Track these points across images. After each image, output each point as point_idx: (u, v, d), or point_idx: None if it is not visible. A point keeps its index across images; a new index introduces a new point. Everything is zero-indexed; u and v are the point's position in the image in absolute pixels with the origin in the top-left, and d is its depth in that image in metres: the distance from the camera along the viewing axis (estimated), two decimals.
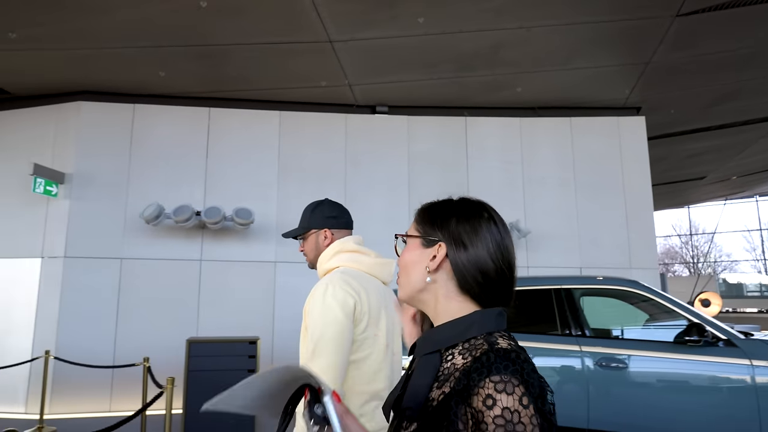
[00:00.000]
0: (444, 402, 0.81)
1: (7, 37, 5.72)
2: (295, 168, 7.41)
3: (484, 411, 0.76)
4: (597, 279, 4.21)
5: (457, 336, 0.90)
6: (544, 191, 8.06)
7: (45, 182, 6.42)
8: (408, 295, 0.99)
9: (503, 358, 0.80)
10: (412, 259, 0.99)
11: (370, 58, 6.68)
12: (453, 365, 0.86)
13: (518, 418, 0.74)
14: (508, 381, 0.77)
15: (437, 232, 0.98)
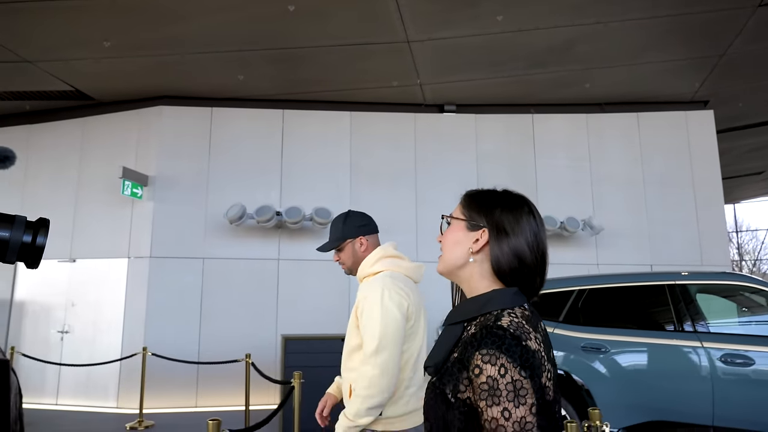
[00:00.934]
0: (453, 366, 0.98)
1: (102, 46, 5.94)
2: (367, 168, 7.50)
3: (473, 378, 0.92)
4: (715, 274, 4.17)
5: (476, 310, 1.03)
6: (613, 188, 7.98)
7: (132, 185, 6.64)
8: (447, 269, 1.13)
9: (492, 334, 0.93)
10: (457, 239, 1.11)
11: (444, 58, 6.73)
12: (468, 335, 1.01)
13: (496, 384, 0.89)
14: (492, 353, 0.90)
15: (482, 218, 1.10)
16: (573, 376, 3.95)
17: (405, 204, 7.45)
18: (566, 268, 7.44)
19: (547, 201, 7.74)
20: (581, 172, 7.98)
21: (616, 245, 7.80)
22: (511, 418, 0.88)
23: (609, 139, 8.14)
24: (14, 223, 0.71)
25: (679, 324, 3.83)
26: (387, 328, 2.02)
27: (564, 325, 4.10)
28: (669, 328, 3.88)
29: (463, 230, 1.11)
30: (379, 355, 2.00)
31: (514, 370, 0.89)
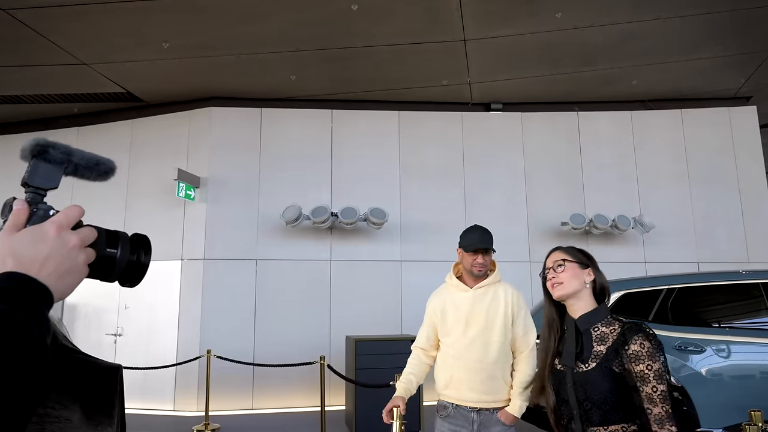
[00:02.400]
0: (612, 348, 1.67)
1: (161, 47, 5.92)
2: (416, 167, 7.48)
3: (640, 350, 1.62)
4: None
5: (599, 318, 1.76)
6: (659, 185, 7.94)
7: (186, 186, 6.63)
8: (568, 293, 1.81)
9: (636, 325, 1.69)
10: (575, 274, 1.82)
11: (497, 56, 6.70)
12: (602, 332, 1.73)
13: (655, 350, 1.62)
14: (646, 335, 1.65)
15: (588, 260, 1.88)
16: None
17: (454, 203, 7.43)
18: (615, 266, 7.37)
19: (594, 199, 7.72)
20: (627, 170, 7.94)
21: (663, 243, 7.77)
22: (665, 366, 1.62)
23: (653, 136, 8.10)
24: (119, 240, 0.71)
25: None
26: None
27: (654, 324, 4.07)
28: (766, 328, 3.85)
29: (577, 269, 1.83)
30: (532, 336, 2.66)
31: (656, 342, 1.65)
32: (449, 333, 2.67)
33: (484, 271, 2.64)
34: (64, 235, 0.63)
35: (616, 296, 4.29)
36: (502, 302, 2.61)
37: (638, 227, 7.34)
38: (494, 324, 2.59)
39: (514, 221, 7.47)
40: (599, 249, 7.65)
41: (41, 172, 0.67)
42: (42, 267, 0.60)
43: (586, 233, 7.58)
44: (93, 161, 0.72)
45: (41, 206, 0.66)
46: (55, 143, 0.68)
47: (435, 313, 2.74)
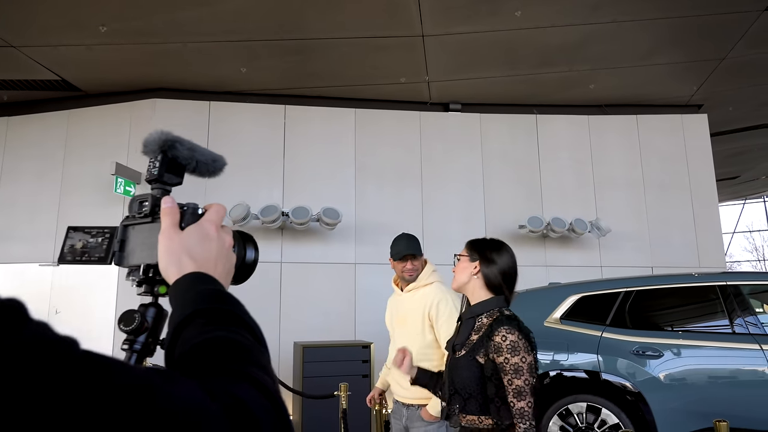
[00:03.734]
0: (479, 339, 1.79)
1: (98, 31, 5.50)
2: (372, 167, 7.24)
3: (501, 342, 1.72)
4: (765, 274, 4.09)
5: (484, 309, 1.88)
6: (615, 189, 7.97)
7: (125, 182, 6.19)
8: (459, 285, 1.99)
9: (509, 318, 1.79)
10: (463, 267, 1.98)
11: (455, 54, 6.55)
12: (482, 323, 1.85)
13: (518, 345, 1.70)
14: (511, 328, 1.73)
15: (476, 254, 2.00)
16: (624, 382, 3.79)
17: (411, 204, 7.22)
18: (572, 270, 7.38)
19: (552, 203, 7.67)
20: (584, 174, 7.93)
21: (619, 247, 7.78)
22: (526, 361, 1.69)
23: (610, 141, 8.13)
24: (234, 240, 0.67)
25: (733, 326, 3.73)
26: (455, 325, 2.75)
27: (612, 328, 3.95)
28: (723, 331, 3.78)
29: (466, 262, 1.98)
30: None
31: (524, 337, 1.73)
32: (391, 333, 2.97)
33: (414, 276, 2.81)
34: (221, 234, 0.63)
35: (573, 299, 4.15)
36: (422, 304, 2.75)
37: (594, 231, 7.32)
38: (414, 324, 2.76)
39: (471, 223, 7.32)
40: (557, 252, 7.60)
41: (171, 168, 0.64)
42: (215, 266, 0.59)
43: (543, 236, 7.51)
44: (211, 158, 0.70)
45: (189, 204, 0.64)
46: (181, 139, 0.66)
47: (387, 316, 3.03)
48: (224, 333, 0.51)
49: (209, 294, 0.54)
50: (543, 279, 6.56)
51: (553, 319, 4.08)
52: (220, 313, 0.52)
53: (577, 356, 3.94)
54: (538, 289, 4.42)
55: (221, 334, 0.51)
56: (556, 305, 4.12)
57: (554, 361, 3.95)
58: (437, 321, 2.69)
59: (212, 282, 0.57)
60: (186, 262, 0.59)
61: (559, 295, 4.21)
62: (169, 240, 0.60)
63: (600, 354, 3.85)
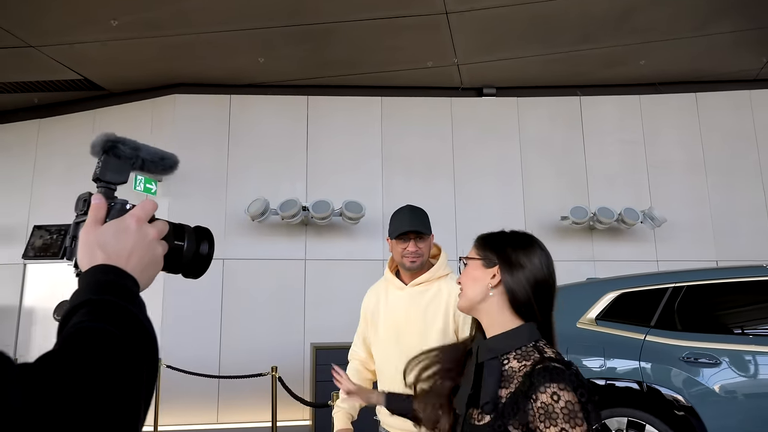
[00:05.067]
0: (512, 399, 1.10)
1: (110, 26, 5.39)
2: (400, 158, 6.84)
3: (553, 404, 1.05)
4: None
5: (512, 345, 1.18)
6: (671, 175, 7.20)
7: (145, 179, 6.09)
8: (470, 305, 1.28)
9: (558, 368, 1.09)
10: (474, 277, 1.27)
11: (485, 32, 6.05)
12: (511, 368, 1.15)
13: (574, 407, 1.05)
14: (565, 382, 1.07)
15: (494, 255, 1.27)
16: (673, 394, 3.22)
17: (442, 196, 6.77)
18: (623, 265, 6.66)
19: (599, 191, 7.01)
20: (635, 159, 7.21)
21: (677, 239, 7.01)
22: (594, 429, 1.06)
23: (665, 122, 7.37)
24: (185, 233, 0.72)
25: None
26: None
27: (657, 330, 3.38)
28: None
29: (479, 268, 1.26)
30: None
31: (585, 392, 1.08)
32: (379, 341, 2.18)
33: (418, 263, 2.08)
34: (143, 227, 0.65)
35: (611, 297, 3.60)
36: (444, 303, 2.06)
37: (648, 221, 6.61)
38: (431, 331, 2.04)
39: (509, 216, 6.76)
40: (605, 245, 6.94)
41: (112, 167, 0.69)
42: (129, 259, 0.62)
43: (589, 228, 6.87)
44: (158, 156, 0.74)
45: (118, 200, 0.69)
46: (124, 139, 0.70)
47: (366, 315, 2.26)
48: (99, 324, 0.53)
49: (104, 285, 0.57)
50: (590, 275, 5.95)
51: (588, 319, 3.55)
52: (106, 305, 0.55)
53: (615, 362, 3.39)
54: (570, 286, 3.89)
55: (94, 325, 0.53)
56: (591, 303, 3.58)
57: (588, 368, 3.42)
58: (464, 325, 2.01)
59: (116, 273, 0.59)
60: (97, 254, 0.62)
61: (594, 291, 3.67)
62: (86, 234, 0.64)
63: (643, 360, 3.30)
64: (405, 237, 2.05)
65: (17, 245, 6.85)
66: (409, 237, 2.05)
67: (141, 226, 0.65)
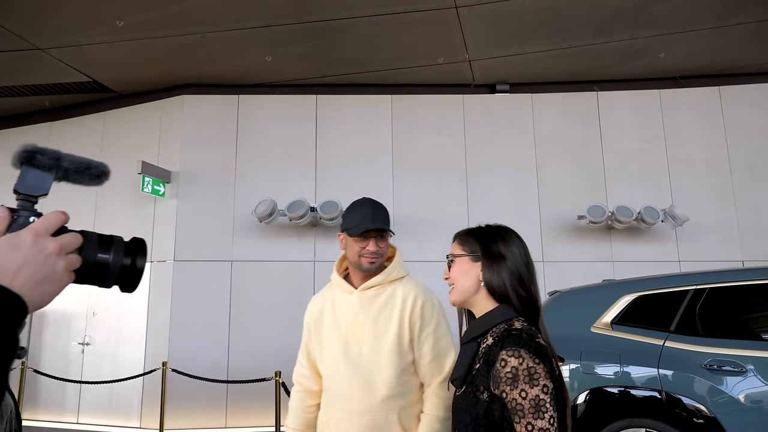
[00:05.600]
0: (479, 370, 1.24)
1: (115, 26, 5.36)
2: (411, 157, 6.69)
3: (500, 369, 1.17)
4: None
5: (486, 326, 1.30)
6: (693, 173, 6.92)
7: (153, 181, 6.05)
8: (463, 298, 1.38)
9: (511, 335, 1.22)
10: (464, 270, 1.37)
11: (497, 26, 5.87)
12: (486, 345, 1.27)
13: (517, 371, 1.15)
14: (514, 350, 1.17)
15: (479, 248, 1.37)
16: (695, 403, 3.02)
17: (455, 196, 6.60)
18: (643, 266, 6.42)
19: (617, 189, 6.77)
20: (655, 156, 6.95)
21: (700, 239, 6.73)
22: (528, 396, 1.13)
23: (686, 118, 7.09)
24: (113, 245, 0.69)
25: None
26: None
27: (678, 336, 3.18)
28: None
29: (468, 262, 1.36)
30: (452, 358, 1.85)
31: (530, 359, 1.15)
32: (325, 355, 1.89)
33: (377, 264, 1.84)
34: (41, 242, 0.63)
35: (628, 300, 3.41)
36: (398, 309, 1.82)
37: (669, 220, 6.35)
38: (383, 342, 1.80)
39: (523, 216, 6.58)
40: (624, 246, 6.70)
41: (30, 178, 0.68)
42: (16, 276, 0.61)
43: (608, 228, 6.64)
44: (83, 165, 0.72)
45: (23, 213, 0.67)
46: (43, 149, 0.69)
47: (309, 325, 1.96)
48: None
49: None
50: (608, 277, 5.73)
51: (603, 323, 3.36)
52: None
53: (632, 370, 3.20)
54: (585, 288, 3.70)
55: None
56: (607, 307, 3.39)
57: (602, 375, 3.23)
58: (420, 333, 1.82)
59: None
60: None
61: (610, 294, 3.47)
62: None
63: (662, 368, 3.10)
64: (366, 235, 1.82)
65: None
66: (371, 235, 1.83)
67: (38, 240, 0.63)
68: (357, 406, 1.77)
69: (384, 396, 1.75)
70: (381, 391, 1.76)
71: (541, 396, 1.12)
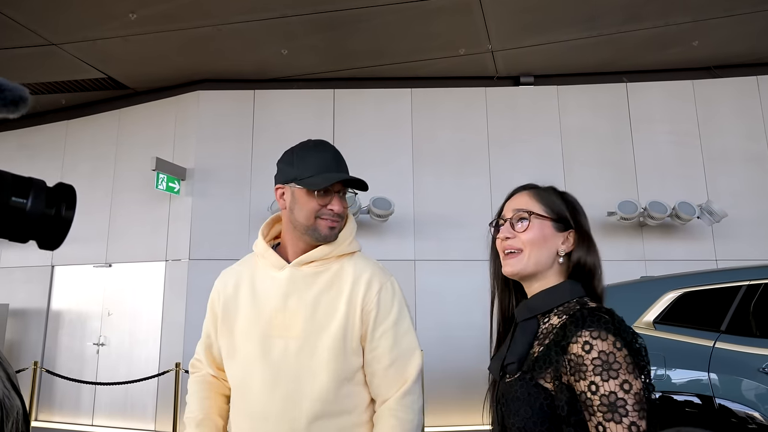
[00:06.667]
0: (545, 352, 0.97)
1: (128, 20, 5.24)
2: (432, 152, 6.47)
3: (584, 355, 0.90)
4: None
5: (553, 302, 1.04)
6: (731, 166, 6.56)
7: (167, 178, 5.92)
8: (532, 270, 1.07)
9: (594, 315, 0.94)
10: (544, 237, 1.08)
11: (520, 14, 5.62)
12: (551, 325, 1.02)
13: (614, 358, 0.89)
14: (601, 331, 0.91)
15: (570, 219, 1.10)
16: (748, 410, 2.73)
17: (478, 192, 6.35)
18: (678, 264, 6.07)
19: (649, 185, 6.45)
20: (690, 150, 6.61)
21: (739, 236, 6.37)
22: (632, 389, 0.87)
23: (722, 109, 6.73)
24: (32, 188, 0.58)
25: None
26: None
27: (729, 336, 2.89)
28: None
29: (550, 228, 1.08)
30: (419, 380, 1.38)
31: (624, 344, 0.90)
32: (234, 353, 1.39)
33: (337, 230, 1.39)
34: None
35: (672, 297, 3.13)
36: (347, 294, 1.35)
37: (706, 216, 6.01)
38: (323, 334, 1.33)
39: None
40: (657, 243, 6.37)
41: None
42: None
43: (639, 225, 6.32)
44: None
45: None
46: None
47: (215, 310, 1.47)
48: None
49: None
50: (640, 276, 5.43)
51: (645, 322, 3.09)
52: None
53: (678, 373, 2.92)
54: (623, 285, 3.43)
55: None
56: (648, 305, 3.12)
57: None
58: (376, 328, 1.35)
59: None
60: None
61: (652, 291, 3.20)
62: None
63: (713, 371, 2.82)
64: (328, 189, 1.37)
65: None
66: (334, 189, 1.38)
67: None
68: (275, 427, 1.28)
69: (315, 414, 1.28)
70: (311, 407, 1.28)
71: (640, 390, 0.87)
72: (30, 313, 6.69)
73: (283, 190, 1.42)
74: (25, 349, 6.63)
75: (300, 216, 1.37)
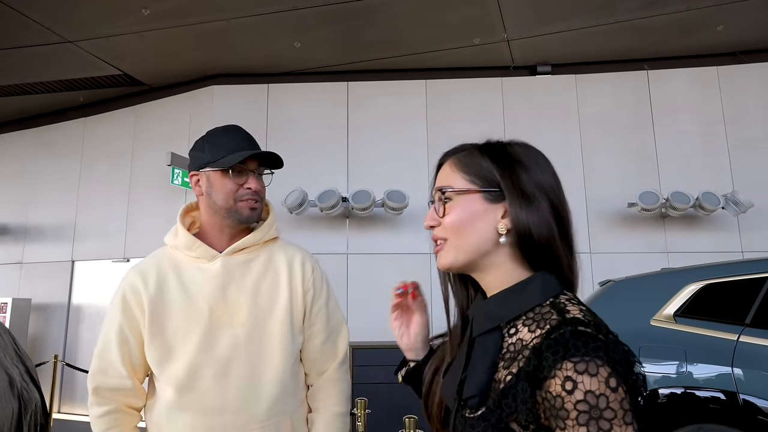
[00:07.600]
0: (512, 385, 0.72)
1: (141, 15, 5.26)
2: (447, 145, 6.23)
3: (564, 396, 0.66)
4: None
5: (520, 307, 0.79)
6: (758, 156, 6.35)
7: (182, 173, 5.94)
8: (468, 259, 0.85)
9: (580, 333, 0.69)
10: (474, 215, 0.85)
11: (536, 0, 5.49)
12: (520, 341, 0.76)
13: (606, 402, 0.64)
14: (590, 360, 0.66)
15: (502, 181, 0.86)
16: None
17: None
18: (702, 257, 5.90)
19: (671, 174, 6.28)
20: (714, 138, 6.41)
21: (765, 227, 6.17)
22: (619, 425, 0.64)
23: (749, 96, 6.51)
24: None
25: None
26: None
27: (754, 330, 2.77)
28: None
29: (480, 201, 0.85)
30: (346, 360, 1.52)
31: (617, 380, 0.66)
32: (174, 354, 1.31)
33: (260, 210, 1.43)
34: None
35: (693, 288, 3.02)
36: (285, 276, 1.39)
37: (731, 207, 5.82)
38: (271, 320, 1.34)
39: (570, 203, 6.16)
40: (680, 235, 6.20)
41: None
42: None
43: (661, 216, 6.15)
44: None
45: None
46: None
47: (133, 313, 1.34)
48: None
49: None
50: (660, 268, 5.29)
51: (665, 316, 2.98)
52: None
53: (700, 368, 2.81)
54: (642, 276, 3.32)
55: None
56: (669, 297, 3.01)
57: (666, 375, 2.86)
58: (313, 306, 1.42)
59: None
60: None
61: (672, 282, 3.09)
62: None
63: (737, 366, 2.71)
64: (242, 168, 1.37)
65: (66, 243, 6.92)
66: (249, 168, 1.38)
67: None
68: (234, 419, 1.26)
69: (275, 397, 1.30)
70: (270, 391, 1.30)
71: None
72: (52, 308, 6.81)
73: (197, 176, 1.42)
74: (47, 343, 6.75)
75: (218, 199, 1.37)
